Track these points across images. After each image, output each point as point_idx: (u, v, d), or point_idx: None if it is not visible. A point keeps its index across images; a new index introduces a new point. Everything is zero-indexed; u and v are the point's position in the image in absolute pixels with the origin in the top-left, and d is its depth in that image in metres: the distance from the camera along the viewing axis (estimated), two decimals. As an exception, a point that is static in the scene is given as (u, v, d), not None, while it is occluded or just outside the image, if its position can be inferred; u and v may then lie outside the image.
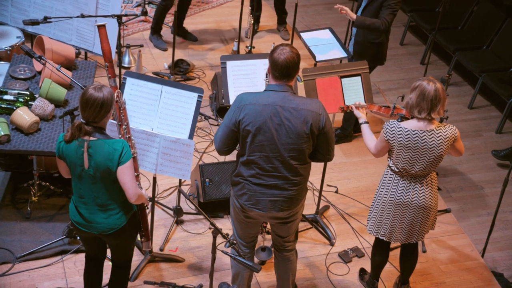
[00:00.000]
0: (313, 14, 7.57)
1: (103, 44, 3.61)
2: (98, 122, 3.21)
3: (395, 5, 4.84)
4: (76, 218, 3.37)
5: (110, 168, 3.20)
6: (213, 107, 5.68)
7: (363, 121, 3.88)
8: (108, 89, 3.21)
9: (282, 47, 3.32)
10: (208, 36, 6.74)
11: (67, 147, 3.22)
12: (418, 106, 3.52)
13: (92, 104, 3.14)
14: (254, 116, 3.31)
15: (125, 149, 3.21)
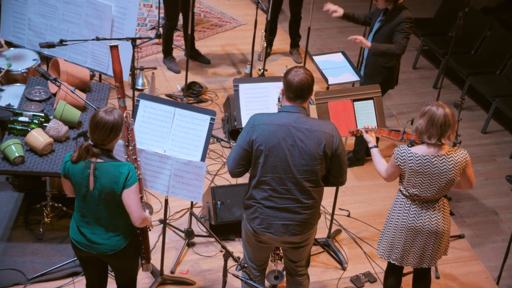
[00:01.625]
0: (326, 37, 7.61)
1: (115, 64, 3.65)
2: (106, 145, 3.23)
3: (408, 29, 4.86)
4: (76, 237, 3.37)
5: (115, 191, 3.20)
6: (225, 129, 5.70)
7: (373, 145, 3.87)
8: (118, 112, 3.23)
9: (297, 68, 3.35)
10: (221, 58, 6.80)
11: (73, 167, 3.23)
12: (428, 132, 3.51)
13: (102, 127, 3.16)
14: (267, 136, 3.31)
15: (131, 172, 3.21)
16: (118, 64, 3.66)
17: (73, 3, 5.03)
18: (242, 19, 7.58)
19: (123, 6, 4.95)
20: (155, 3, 7.39)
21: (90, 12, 5.01)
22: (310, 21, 6.06)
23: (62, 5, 5.06)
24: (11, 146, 4.00)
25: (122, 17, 4.97)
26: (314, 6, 5.96)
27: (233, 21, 7.52)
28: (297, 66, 3.39)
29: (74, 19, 5.07)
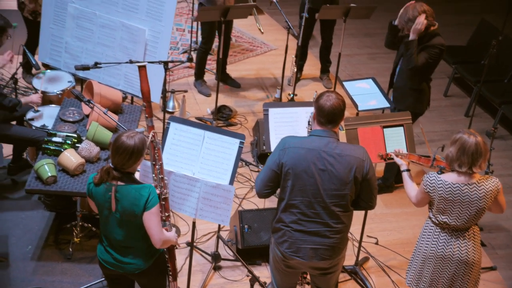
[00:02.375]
0: (356, 63, 7.61)
1: (143, 84, 3.71)
2: (127, 168, 3.26)
3: (435, 54, 4.78)
4: (104, 256, 3.41)
5: (136, 213, 3.23)
6: (254, 153, 5.72)
7: (405, 169, 3.84)
8: (140, 137, 3.24)
9: (328, 93, 3.36)
10: (251, 83, 6.85)
11: (96, 189, 3.28)
12: (459, 160, 3.47)
13: (122, 152, 3.19)
14: (297, 160, 3.32)
15: (152, 195, 3.23)
16: (146, 84, 3.72)
17: (108, 27, 5.15)
18: (273, 44, 7.65)
19: (156, 30, 5.05)
20: (187, 28, 7.51)
21: (124, 36, 5.13)
22: (341, 47, 6.08)
23: (98, 28, 5.19)
24: (44, 166, 4.08)
25: (155, 41, 5.07)
26: (345, 32, 5.98)
27: (264, 46, 7.59)
28: (329, 91, 3.40)
29: (109, 42, 5.18)
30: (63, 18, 5.28)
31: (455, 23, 8.79)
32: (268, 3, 6.17)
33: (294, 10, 6.89)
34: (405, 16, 4.75)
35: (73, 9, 5.21)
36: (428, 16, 4.73)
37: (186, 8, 7.99)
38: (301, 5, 6.42)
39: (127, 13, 5.10)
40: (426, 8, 4.74)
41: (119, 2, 5.10)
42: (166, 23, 5.03)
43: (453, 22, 8.77)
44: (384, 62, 7.38)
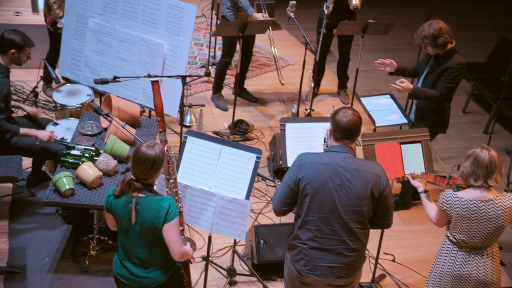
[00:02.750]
0: (374, 79, 7.60)
1: (156, 99, 3.74)
2: (148, 179, 3.27)
3: (456, 76, 4.77)
4: (119, 271, 3.41)
5: (156, 225, 3.23)
6: (270, 168, 5.71)
7: (422, 190, 3.81)
8: (160, 147, 3.28)
9: (345, 109, 3.36)
10: (268, 97, 6.87)
11: (116, 201, 3.28)
12: (473, 174, 3.44)
13: (143, 162, 3.21)
14: (314, 176, 3.31)
15: (172, 207, 3.24)
16: (159, 98, 3.76)
17: (128, 41, 5.21)
18: (290, 59, 7.67)
19: (175, 45, 5.10)
20: (206, 42, 7.57)
21: (143, 50, 5.18)
22: (359, 62, 6.08)
23: (118, 43, 5.25)
24: (62, 178, 4.11)
25: (173, 55, 5.12)
26: (362, 48, 5.98)
27: (282, 61, 7.61)
28: (345, 107, 3.40)
29: (128, 56, 5.24)
30: (83, 33, 5.35)
31: (473, 39, 8.76)
32: (286, 18, 6.20)
33: (312, 25, 6.92)
34: (421, 33, 4.75)
35: (94, 23, 5.28)
36: (444, 33, 4.71)
37: (205, 23, 8.05)
38: (318, 20, 6.44)
39: (146, 27, 5.16)
40: (443, 26, 4.73)
41: (139, 17, 5.16)
42: (185, 38, 5.08)
43: (471, 38, 8.74)
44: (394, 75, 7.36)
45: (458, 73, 4.76)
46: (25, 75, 6.28)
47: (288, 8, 5.86)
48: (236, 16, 6.04)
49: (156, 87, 3.77)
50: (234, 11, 6.04)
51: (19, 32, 4.59)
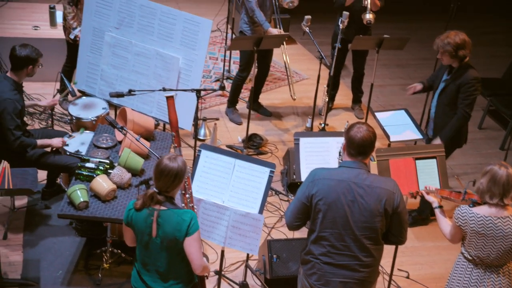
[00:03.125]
0: (389, 94, 7.58)
1: (171, 114, 3.76)
2: (170, 192, 3.28)
3: (474, 91, 4.75)
4: (137, 285, 3.40)
5: (177, 239, 3.23)
6: (284, 182, 5.70)
7: (436, 206, 3.77)
8: (181, 159, 3.29)
9: (359, 125, 3.34)
10: (282, 112, 6.87)
11: (137, 215, 3.28)
12: (489, 191, 3.40)
13: (167, 174, 3.22)
14: (327, 191, 3.30)
15: (193, 220, 3.24)
16: (174, 114, 3.78)
17: (143, 55, 5.26)
18: (305, 74, 7.68)
19: (190, 59, 5.13)
20: (221, 56, 7.60)
21: (158, 64, 5.22)
22: (374, 77, 6.07)
23: (133, 57, 5.29)
24: (76, 191, 4.13)
25: (188, 69, 5.15)
26: (377, 63, 5.97)
27: (296, 75, 7.62)
28: (360, 122, 3.39)
29: (143, 70, 5.28)
30: (100, 47, 5.40)
31: (490, 55, 8.72)
32: (301, 32, 6.21)
33: (327, 40, 6.93)
34: (446, 40, 4.71)
35: (110, 37, 5.33)
36: (467, 47, 4.70)
37: (220, 37, 8.10)
38: (333, 35, 6.45)
39: (162, 41, 5.20)
40: (467, 40, 4.71)
41: (155, 31, 5.20)
42: (200, 52, 5.11)
43: (486, 54, 8.70)
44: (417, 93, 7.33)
45: (475, 87, 4.74)
46: (42, 88, 6.35)
47: (303, 23, 5.88)
48: (253, 31, 6.08)
49: (171, 102, 3.79)
50: (251, 26, 6.08)
51: (28, 45, 4.61)
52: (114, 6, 5.29)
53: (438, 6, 8.52)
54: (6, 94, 4.47)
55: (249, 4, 5.91)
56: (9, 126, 4.47)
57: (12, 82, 4.56)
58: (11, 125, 4.47)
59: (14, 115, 4.47)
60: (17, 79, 4.60)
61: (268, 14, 6.08)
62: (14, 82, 4.57)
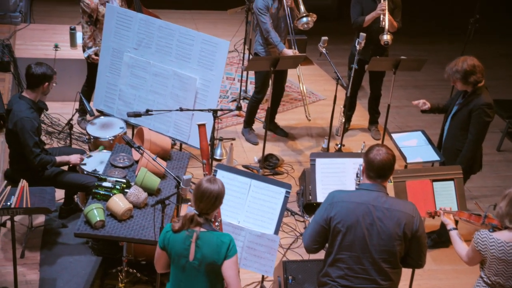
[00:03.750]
0: (406, 115, 7.55)
1: (202, 142, 3.77)
2: (210, 213, 3.26)
3: (485, 116, 4.70)
4: None
5: (216, 261, 3.19)
6: (300, 203, 5.68)
7: (451, 228, 3.74)
8: (220, 180, 3.28)
9: (378, 147, 3.33)
10: (298, 132, 6.87)
11: (175, 237, 3.24)
12: (509, 215, 3.36)
13: (208, 196, 3.20)
14: (345, 214, 3.29)
15: (232, 243, 3.22)
16: (206, 142, 3.79)
17: (161, 75, 5.31)
18: (321, 94, 7.68)
19: (207, 79, 5.17)
20: (237, 77, 7.65)
21: (176, 84, 5.26)
22: (390, 98, 6.06)
23: (151, 77, 5.35)
24: (93, 210, 4.15)
25: (205, 89, 5.18)
26: (394, 84, 5.96)
27: (313, 95, 7.63)
28: (379, 145, 3.38)
29: (160, 90, 5.33)
30: (118, 67, 5.47)
31: (508, 76, 8.66)
32: (318, 53, 6.24)
33: (343, 61, 6.95)
34: (454, 68, 4.72)
35: (129, 58, 5.40)
36: (477, 72, 4.67)
37: (237, 57, 8.16)
38: (350, 56, 6.46)
39: (179, 62, 5.25)
40: (477, 64, 4.68)
41: (173, 52, 5.26)
42: (217, 73, 5.14)
43: (505, 75, 8.65)
44: (434, 115, 7.25)
45: (486, 113, 4.68)
46: (61, 108, 6.43)
47: (320, 44, 5.90)
48: (268, 53, 6.11)
49: (203, 130, 3.80)
50: (266, 48, 6.12)
51: (43, 64, 4.68)
52: (133, 27, 5.36)
53: (458, 28, 8.53)
54: (24, 113, 4.54)
55: (264, 25, 5.95)
56: (28, 143, 4.53)
57: (28, 100, 4.63)
58: (30, 142, 4.53)
59: (32, 133, 4.53)
60: (33, 98, 4.66)
61: (282, 36, 6.12)
62: (30, 101, 4.64)
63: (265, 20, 5.94)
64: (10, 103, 4.66)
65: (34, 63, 4.68)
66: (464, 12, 9.93)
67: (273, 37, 5.95)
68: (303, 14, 6.05)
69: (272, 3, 5.98)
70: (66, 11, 8.72)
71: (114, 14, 5.44)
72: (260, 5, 5.94)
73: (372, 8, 6.13)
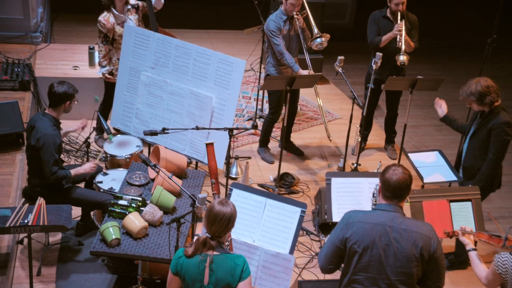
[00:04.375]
0: (422, 134, 7.51)
1: (211, 161, 3.78)
2: (223, 236, 3.25)
3: (505, 135, 4.68)
4: None
5: (230, 284, 3.18)
6: (315, 222, 5.65)
7: (470, 248, 3.69)
8: (232, 203, 3.27)
9: (395, 167, 3.31)
10: (314, 151, 6.86)
11: (188, 262, 3.22)
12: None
13: (220, 219, 3.19)
14: (362, 235, 3.26)
15: (246, 264, 3.21)
16: (214, 161, 3.80)
17: (178, 94, 5.35)
18: (337, 113, 7.68)
19: (223, 98, 5.20)
20: (254, 95, 7.68)
21: (192, 103, 5.30)
22: (407, 117, 6.03)
23: (168, 95, 5.39)
24: (109, 228, 4.17)
25: (221, 108, 5.21)
26: (411, 103, 5.94)
27: (329, 114, 7.63)
28: (395, 165, 3.36)
29: (177, 109, 5.36)
30: (135, 86, 5.52)
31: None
32: (334, 72, 6.25)
33: (360, 79, 6.95)
34: (468, 90, 4.72)
35: (146, 77, 5.45)
36: (492, 92, 4.65)
37: (253, 76, 8.20)
38: (366, 75, 6.46)
39: (196, 81, 5.29)
40: (490, 84, 4.67)
41: (189, 71, 5.30)
42: (233, 91, 5.17)
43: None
44: (451, 134, 7.25)
45: (506, 132, 4.66)
46: (79, 126, 6.49)
47: (336, 63, 5.92)
48: (281, 74, 6.13)
49: (211, 150, 3.82)
50: (278, 69, 6.14)
51: (65, 82, 4.76)
52: (150, 47, 5.42)
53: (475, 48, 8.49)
54: (47, 130, 4.60)
55: (277, 47, 5.98)
56: (48, 160, 4.58)
57: (51, 118, 4.70)
58: (50, 159, 4.58)
59: (53, 150, 4.59)
60: (55, 115, 4.74)
61: (294, 56, 6.15)
62: (53, 118, 4.71)
63: (278, 42, 5.97)
64: (33, 120, 4.73)
65: (56, 81, 4.76)
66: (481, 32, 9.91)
67: (288, 59, 5.98)
68: (317, 35, 6.08)
69: (284, 25, 6.02)
70: (86, 31, 8.86)
71: (132, 34, 5.51)
72: (272, 27, 5.98)
73: (389, 29, 6.14)
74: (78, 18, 9.34)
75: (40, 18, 7.79)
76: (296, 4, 5.93)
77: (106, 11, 5.95)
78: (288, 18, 6.03)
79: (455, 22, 11.23)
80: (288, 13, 6.00)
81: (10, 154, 5.64)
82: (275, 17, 6.04)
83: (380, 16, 6.26)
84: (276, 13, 6.09)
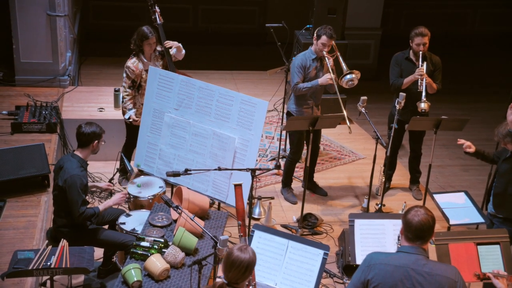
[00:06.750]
0: (448, 175, 7.40)
1: (238, 203, 3.77)
2: (240, 283, 3.21)
3: None
4: None
5: None
6: (339, 264, 5.55)
7: (503, 292, 3.57)
8: (252, 249, 3.25)
9: (417, 208, 3.27)
10: (338, 191, 6.80)
11: None
12: None
13: (238, 266, 3.17)
14: (383, 277, 3.19)
15: None
16: (242, 203, 3.79)
17: (200, 135, 5.38)
18: (361, 153, 7.63)
19: (246, 139, 5.21)
20: (276, 135, 7.69)
21: (215, 144, 5.32)
22: (432, 157, 5.96)
23: (191, 136, 5.43)
24: (131, 270, 4.15)
25: (244, 149, 5.22)
26: (436, 143, 5.87)
27: (352, 154, 7.59)
28: (418, 206, 3.31)
29: (199, 149, 5.39)
30: (159, 127, 5.58)
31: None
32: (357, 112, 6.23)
33: (383, 119, 6.92)
34: (503, 131, 4.70)
35: (169, 118, 5.51)
36: None
37: (276, 116, 8.23)
38: (390, 115, 6.43)
39: (218, 122, 5.33)
40: None
41: (212, 112, 5.35)
42: (256, 132, 5.19)
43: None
44: (478, 175, 7.13)
45: None
46: (103, 167, 6.56)
47: (359, 103, 5.91)
48: (301, 113, 6.15)
49: (239, 191, 3.82)
50: (299, 108, 6.16)
51: (92, 123, 4.86)
52: (174, 89, 5.50)
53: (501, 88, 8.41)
54: (74, 171, 4.67)
55: (293, 83, 6.01)
56: (76, 200, 4.62)
57: (79, 159, 4.78)
58: (78, 199, 4.63)
59: (81, 190, 4.64)
60: (83, 156, 4.81)
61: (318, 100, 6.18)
62: (80, 159, 4.78)
63: (297, 79, 6.00)
64: (62, 161, 4.80)
65: (84, 122, 4.85)
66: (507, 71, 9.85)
67: (303, 85, 5.98)
68: (347, 72, 6.06)
69: (311, 63, 6.05)
70: (112, 73, 9.04)
71: (157, 76, 5.59)
72: (297, 63, 6.03)
73: (412, 71, 6.13)
74: (105, 61, 9.56)
75: (68, 62, 7.98)
76: (327, 44, 5.96)
77: (135, 57, 6.05)
78: (317, 57, 6.07)
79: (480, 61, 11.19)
80: (317, 52, 6.04)
81: (35, 195, 5.71)
82: (303, 55, 6.08)
83: (403, 57, 6.26)
84: (305, 52, 6.14)
